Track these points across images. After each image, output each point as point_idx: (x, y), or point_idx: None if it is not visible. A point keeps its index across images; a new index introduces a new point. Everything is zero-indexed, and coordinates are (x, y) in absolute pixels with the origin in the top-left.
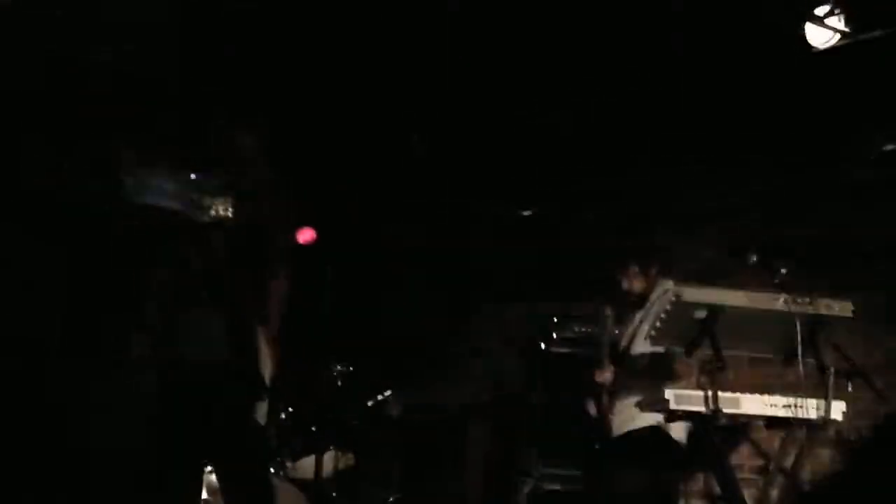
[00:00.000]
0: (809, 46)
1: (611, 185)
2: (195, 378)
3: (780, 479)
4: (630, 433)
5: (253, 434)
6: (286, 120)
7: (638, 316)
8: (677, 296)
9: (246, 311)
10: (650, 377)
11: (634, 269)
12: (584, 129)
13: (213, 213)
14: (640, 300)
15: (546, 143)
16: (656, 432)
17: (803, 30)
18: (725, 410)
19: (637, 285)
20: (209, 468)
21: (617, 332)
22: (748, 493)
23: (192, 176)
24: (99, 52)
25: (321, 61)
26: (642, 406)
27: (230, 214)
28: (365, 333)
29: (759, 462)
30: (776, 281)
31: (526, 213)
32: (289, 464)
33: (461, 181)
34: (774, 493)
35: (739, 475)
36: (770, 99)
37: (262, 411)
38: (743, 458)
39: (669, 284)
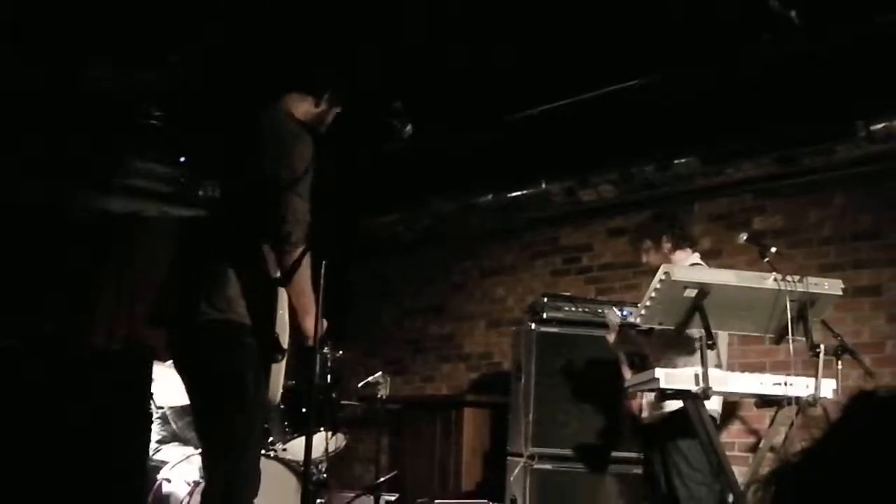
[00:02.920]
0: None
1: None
2: (211, 335)
3: (770, 456)
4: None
5: (250, 406)
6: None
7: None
8: (667, 274)
9: (264, 275)
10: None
11: (647, 243)
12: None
13: (201, 193)
14: None
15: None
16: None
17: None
18: (716, 389)
19: (654, 260)
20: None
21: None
22: (739, 471)
23: (182, 159)
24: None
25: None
26: (633, 386)
27: (218, 195)
28: (355, 316)
29: (750, 440)
30: (766, 260)
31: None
32: (279, 445)
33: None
34: (765, 470)
35: (730, 453)
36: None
37: (279, 376)
38: (733, 436)
39: (695, 257)
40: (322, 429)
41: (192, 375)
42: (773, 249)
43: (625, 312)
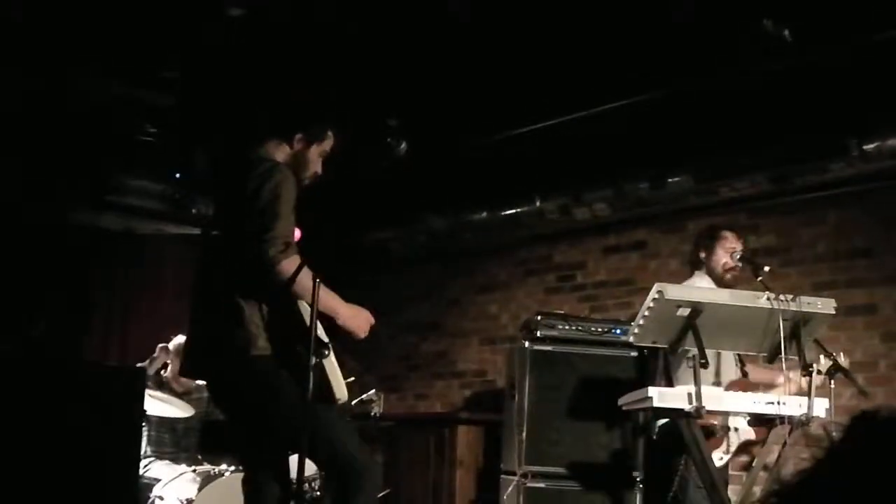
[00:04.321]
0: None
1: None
2: (239, 374)
3: (763, 475)
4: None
5: (311, 414)
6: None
7: None
8: (660, 293)
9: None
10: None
11: (732, 236)
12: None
13: (194, 211)
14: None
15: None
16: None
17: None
18: (709, 408)
19: (730, 260)
20: None
21: None
22: (731, 490)
23: (177, 175)
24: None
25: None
26: (627, 404)
27: (212, 212)
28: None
29: (743, 458)
30: (759, 279)
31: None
32: None
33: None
34: (757, 489)
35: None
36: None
37: (335, 372)
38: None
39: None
40: None
41: (237, 414)
42: (767, 268)
43: (618, 331)
